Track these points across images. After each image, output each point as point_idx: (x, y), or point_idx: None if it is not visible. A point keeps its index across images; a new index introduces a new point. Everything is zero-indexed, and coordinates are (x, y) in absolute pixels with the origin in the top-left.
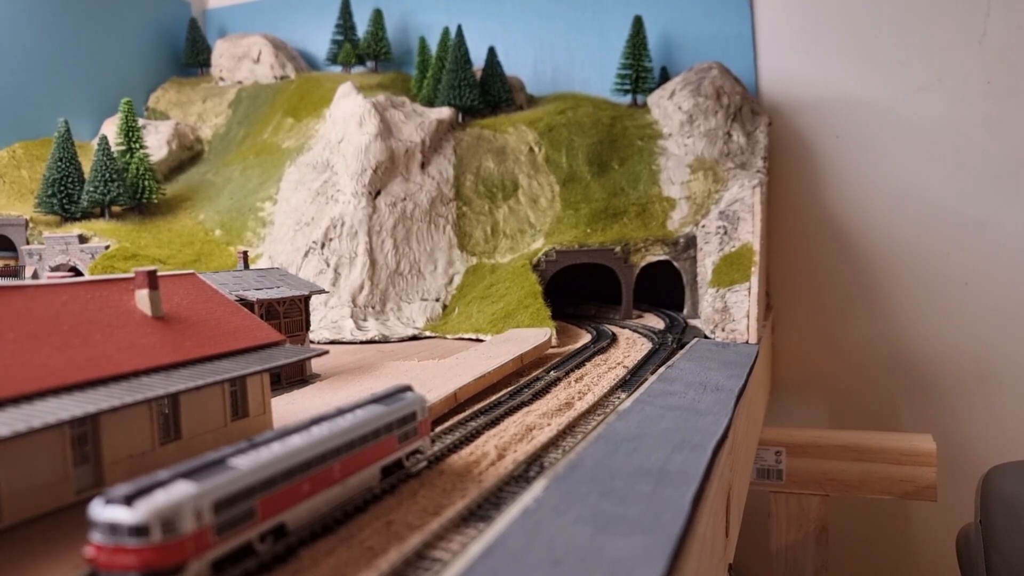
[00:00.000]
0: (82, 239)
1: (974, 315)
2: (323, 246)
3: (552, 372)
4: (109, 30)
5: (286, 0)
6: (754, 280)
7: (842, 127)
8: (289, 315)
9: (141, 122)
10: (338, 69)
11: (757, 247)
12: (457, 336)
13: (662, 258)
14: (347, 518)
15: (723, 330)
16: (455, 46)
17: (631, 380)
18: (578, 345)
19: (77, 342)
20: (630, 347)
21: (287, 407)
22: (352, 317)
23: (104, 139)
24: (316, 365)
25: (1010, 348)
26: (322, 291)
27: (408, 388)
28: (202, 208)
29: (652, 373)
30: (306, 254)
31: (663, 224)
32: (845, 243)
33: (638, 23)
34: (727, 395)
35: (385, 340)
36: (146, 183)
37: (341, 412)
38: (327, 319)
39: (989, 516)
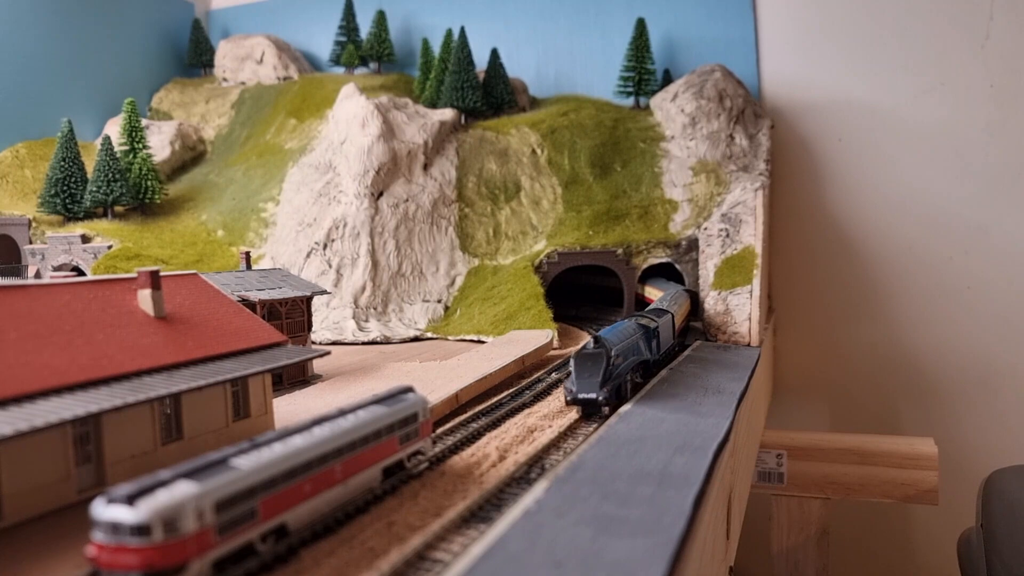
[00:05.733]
0: (85, 239)
1: (976, 319)
2: (325, 247)
3: (554, 374)
4: (112, 30)
5: (289, 1)
6: (756, 283)
7: (845, 130)
8: (291, 316)
9: (144, 122)
10: (341, 70)
11: (759, 250)
12: (459, 337)
13: (664, 260)
14: (348, 519)
15: (725, 333)
16: (458, 48)
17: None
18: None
19: (80, 342)
20: None
21: (289, 407)
22: (354, 318)
23: (107, 139)
24: (318, 366)
25: (1012, 352)
26: (324, 292)
27: (410, 389)
28: (205, 208)
29: (654, 376)
30: (308, 255)
31: (665, 226)
32: (847, 246)
33: (641, 25)
34: (728, 398)
35: (387, 341)
36: (149, 183)
37: (343, 413)
38: (329, 320)
39: (991, 520)
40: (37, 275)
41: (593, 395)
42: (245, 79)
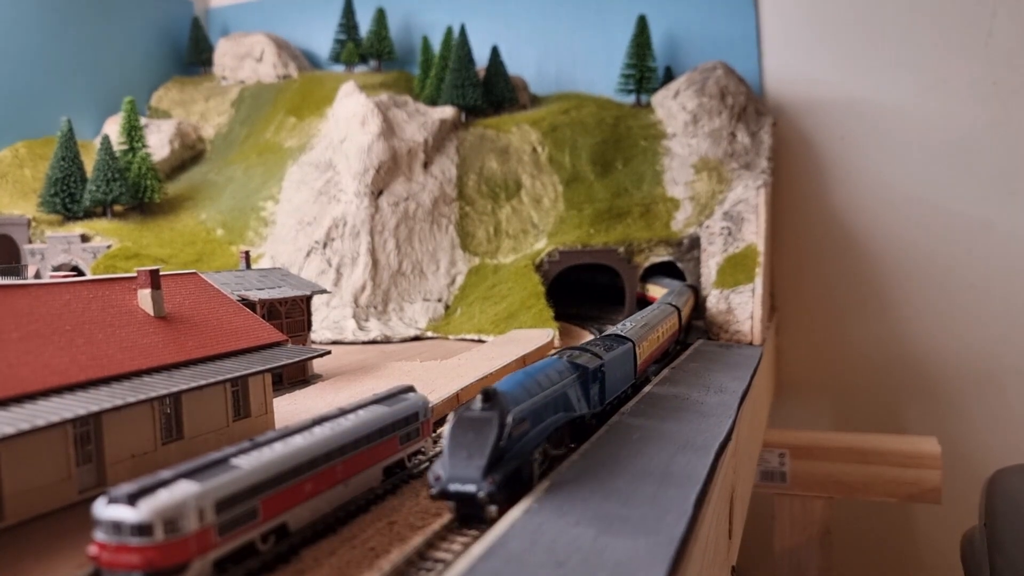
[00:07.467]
0: (84, 238)
1: (980, 317)
2: (325, 246)
3: None
4: (112, 29)
5: None
6: (758, 281)
7: (847, 128)
8: (291, 315)
9: (143, 121)
10: (341, 68)
11: (761, 248)
12: (459, 337)
13: (666, 259)
14: (349, 518)
15: (727, 331)
16: (458, 45)
17: (634, 381)
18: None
19: (80, 341)
20: None
21: (289, 407)
22: (354, 317)
23: (106, 138)
24: (318, 365)
25: (1015, 350)
26: (324, 291)
27: (410, 389)
28: (204, 207)
29: (656, 374)
30: (308, 254)
31: (667, 225)
32: (850, 244)
33: (642, 23)
34: (731, 397)
35: (387, 340)
36: (148, 182)
37: (343, 412)
38: (329, 319)
39: (994, 519)
40: (37, 275)
41: (471, 487)
42: (244, 77)
